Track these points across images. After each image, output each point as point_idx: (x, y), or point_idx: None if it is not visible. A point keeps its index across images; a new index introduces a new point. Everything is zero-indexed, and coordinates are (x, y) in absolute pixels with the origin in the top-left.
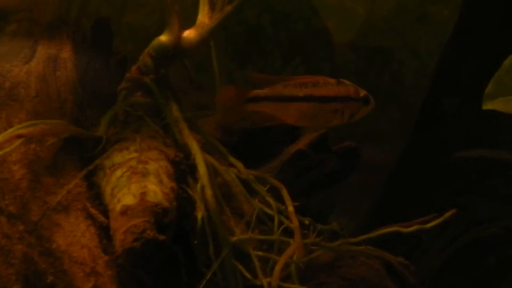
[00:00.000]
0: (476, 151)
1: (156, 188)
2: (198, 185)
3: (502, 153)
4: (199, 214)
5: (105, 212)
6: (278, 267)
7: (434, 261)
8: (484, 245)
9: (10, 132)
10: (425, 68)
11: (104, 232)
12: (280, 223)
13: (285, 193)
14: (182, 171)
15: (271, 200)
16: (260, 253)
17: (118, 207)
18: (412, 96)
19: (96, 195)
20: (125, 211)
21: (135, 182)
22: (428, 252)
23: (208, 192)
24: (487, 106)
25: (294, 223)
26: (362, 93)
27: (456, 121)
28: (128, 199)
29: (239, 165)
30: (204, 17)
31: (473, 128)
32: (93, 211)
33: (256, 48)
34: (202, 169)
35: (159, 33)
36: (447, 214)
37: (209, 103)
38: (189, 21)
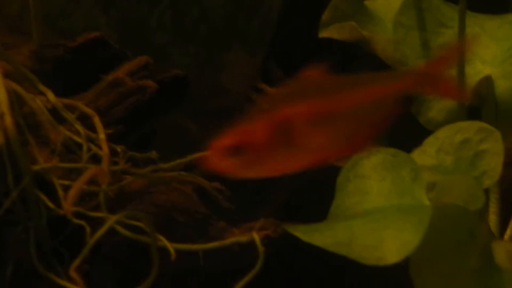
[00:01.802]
0: None
1: None
2: None
3: None
4: None
5: None
6: (72, 192)
7: (283, 194)
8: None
9: None
10: None
11: None
12: (90, 151)
13: (97, 120)
14: None
15: (80, 128)
16: (66, 182)
17: None
18: None
19: None
20: None
21: None
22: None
23: (8, 120)
24: (323, 34)
25: (104, 150)
26: None
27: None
28: None
29: (48, 92)
30: None
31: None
32: None
33: None
34: (1, 96)
35: None
36: None
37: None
38: None
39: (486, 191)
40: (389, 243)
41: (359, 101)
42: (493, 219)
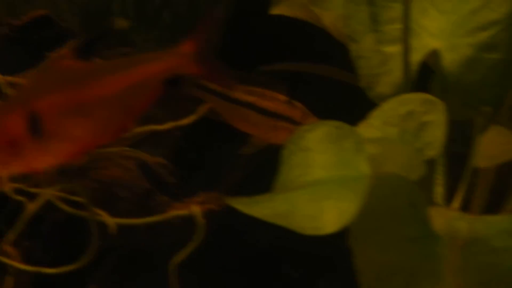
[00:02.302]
0: (281, 65)
1: None
2: None
3: (307, 66)
4: None
5: None
6: None
7: (237, 174)
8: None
9: None
10: None
11: None
12: None
13: None
14: None
15: None
16: None
17: None
18: None
19: None
20: None
21: None
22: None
23: None
24: (274, 11)
25: None
26: (312, 121)
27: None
28: None
29: None
30: None
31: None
32: None
33: None
34: None
35: None
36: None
37: None
38: None
39: (432, 163)
40: (328, 212)
41: (113, 87)
42: (438, 190)
